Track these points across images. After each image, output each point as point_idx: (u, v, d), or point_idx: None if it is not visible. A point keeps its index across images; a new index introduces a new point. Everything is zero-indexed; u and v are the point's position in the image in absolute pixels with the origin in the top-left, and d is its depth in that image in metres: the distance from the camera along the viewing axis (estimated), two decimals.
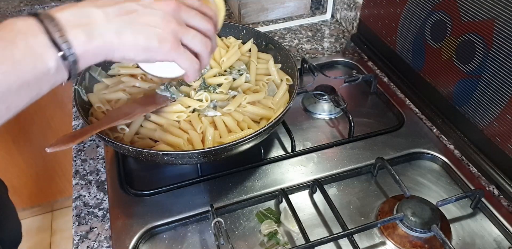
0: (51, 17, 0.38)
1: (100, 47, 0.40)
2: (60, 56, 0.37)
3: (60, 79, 0.40)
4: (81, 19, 0.39)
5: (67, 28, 0.38)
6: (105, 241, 0.61)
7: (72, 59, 0.38)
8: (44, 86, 0.39)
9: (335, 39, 1.05)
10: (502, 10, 0.58)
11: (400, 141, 0.75)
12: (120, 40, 0.41)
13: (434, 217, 0.58)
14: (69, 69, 0.39)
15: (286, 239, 0.61)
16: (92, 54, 0.40)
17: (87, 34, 0.39)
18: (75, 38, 0.38)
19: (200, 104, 0.68)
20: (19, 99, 0.37)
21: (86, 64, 0.41)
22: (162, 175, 0.70)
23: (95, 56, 0.41)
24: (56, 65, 0.37)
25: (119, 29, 0.41)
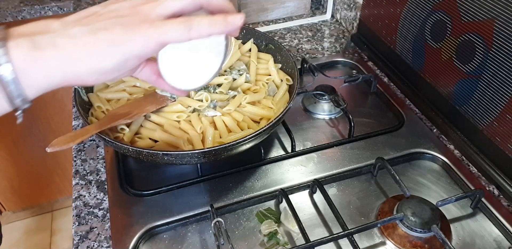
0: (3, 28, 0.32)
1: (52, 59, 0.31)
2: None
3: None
4: (35, 28, 0.33)
5: (13, 36, 0.31)
6: (105, 241, 0.61)
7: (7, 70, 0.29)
8: None
9: (335, 39, 1.05)
10: (502, 10, 0.58)
11: (400, 141, 0.75)
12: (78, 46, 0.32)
13: (434, 217, 0.58)
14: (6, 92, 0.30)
15: (286, 239, 0.61)
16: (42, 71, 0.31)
17: (34, 43, 0.31)
18: (17, 45, 0.30)
19: (200, 104, 0.68)
20: None
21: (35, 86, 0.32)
22: (162, 175, 0.70)
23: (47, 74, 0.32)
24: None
25: (76, 34, 0.33)
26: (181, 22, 0.34)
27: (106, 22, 0.34)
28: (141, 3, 0.35)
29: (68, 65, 0.32)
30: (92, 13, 0.35)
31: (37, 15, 1.26)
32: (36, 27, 0.33)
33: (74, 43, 0.32)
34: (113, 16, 0.34)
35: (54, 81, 0.33)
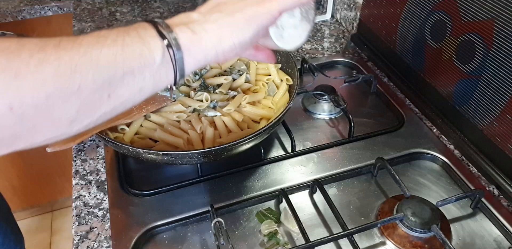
0: (161, 20, 0.39)
1: (206, 41, 0.40)
2: (165, 45, 0.37)
3: (165, 76, 0.39)
4: (182, 20, 0.41)
5: (173, 25, 0.39)
6: (105, 241, 0.61)
7: (177, 50, 0.38)
8: (148, 78, 0.37)
9: (335, 39, 1.05)
10: (502, 10, 0.58)
11: (400, 141, 0.75)
12: (223, 27, 0.40)
13: (434, 217, 0.58)
14: (174, 65, 0.38)
15: (286, 239, 0.61)
16: (201, 50, 0.40)
17: (191, 29, 0.39)
18: (181, 31, 0.39)
19: (200, 104, 0.68)
20: (122, 89, 0.36)
21: (193, 63, 0.40)
22: (162, 175, 0.70)
23: (204, 53, 0.40)
24: (162, 56, 0.37)
25: (217, 19, 0.41)
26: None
27: (236, 5, 0.41)
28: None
29: (218, 44, 0.40)
30: (218, 3, 0.43)
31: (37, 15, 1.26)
32: (182, 19, 0.41)
33: (219, 25, 0.40)
34: (237, 1, 0.42)
35: (208, 58, 0.40)
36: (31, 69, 0.31)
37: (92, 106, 0.35)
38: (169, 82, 0.39)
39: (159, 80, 0.38)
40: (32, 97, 0.31)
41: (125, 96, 0.37)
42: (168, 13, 1.19)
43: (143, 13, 1.20)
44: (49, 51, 0.32)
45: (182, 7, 1.22)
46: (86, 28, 1.14)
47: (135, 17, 1.18)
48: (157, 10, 1.21)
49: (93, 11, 1.22)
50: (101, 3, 1.27)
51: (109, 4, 1.26)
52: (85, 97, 0.34)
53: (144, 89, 0.38)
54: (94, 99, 0.35)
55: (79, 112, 0.34)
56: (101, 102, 0.36)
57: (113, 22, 1.17)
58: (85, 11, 1.22)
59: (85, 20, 1.18)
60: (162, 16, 1.18)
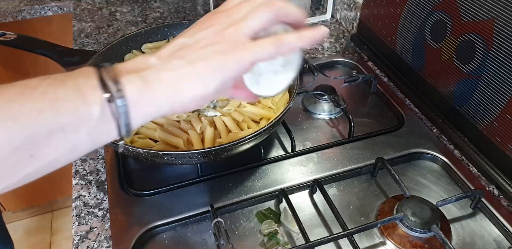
0: (110, 66, 0.35)
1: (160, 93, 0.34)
2: (106, 98, 0.32)
3: (105, 132, 0.34)
4: (136, 65, 0.36)
5: (122, 73, 0.34)
6: (105, 241, 0.61)
7: (121, 105, 0.32)
8: (82, 135, 0.32)
9: (335, 39, 1.05)
10: (502, 10, 0.58)
11: (400, 141, 0.75)
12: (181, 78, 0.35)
13: (434, 217, 0.58)
14: (116, 119, 0.33)
15: (286, 239, 0.61)
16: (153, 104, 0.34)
17: (143, 79, 0.34)
18: (129, 81, 0.33)
19: None
20: (49, 148, 0.31)
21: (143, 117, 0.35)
22: (162, 175, 0.70)
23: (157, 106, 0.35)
24: (100, 111, 0.32)
25: (176, 67, 0.35)
26: (272, 42, 0.37)
27: (201, 52, 0.36)
28: (223, 27, 0.37)
29: (174, 96, 0.35)
30: (182, 45, 0.37)
31: (37, 15, 1.26)
32: (137, 64, 0.36)
33: (177, 76, 0.35)
34: (203, 45, 0.36)
35: (162, 111, 0.36)
36: None
37: (9, 169, 0.31)
38: (111, 138, 0.35)
39: (98, 138, 0.34)
40: None
41: (53, 156, 0.32)
42: (168, 13, 1.19)
43: (143, 13, 1.20)
44: None
45: (182, 7, 1.22)
46: (86, 28, 1.14)
47: (135, 17, 1.18)
48: (157, 10, 1.21)
49: (93, 11, 1.22)
50: (101, 3, 1.27)
51: (109, 4, 1.26)
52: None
53: (80, 147, 0.33)
54: (12, 161, 0.30)
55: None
56: (22, 164, 0.31)
57: (113, 22, 1.17)
58: (85, 11, 1.22)
59: (85, 20, 1.18)
60: (162, 16, 1.18)
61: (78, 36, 1.11)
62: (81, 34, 1.11)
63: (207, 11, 1.18)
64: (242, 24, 0.37)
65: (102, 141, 0.35)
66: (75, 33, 1.12)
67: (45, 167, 0.33)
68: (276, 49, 0.37)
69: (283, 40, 0.37)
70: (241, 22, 0.37)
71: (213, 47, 0.36)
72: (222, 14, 0.39)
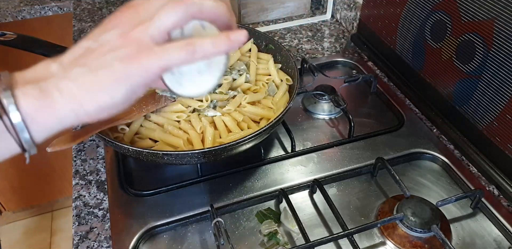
0: (8, 74, 0.32)
1: (61, 104, 0.31)
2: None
3: (5, 148, 0.32)
4: (36, 74, 0.33)
5: (18, 84, 0.31)
6: (105, 241, 0.61)
7: (16, 119, 0.30)
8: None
9: (335, 39, 1.05)
10: (502, 10, 0.58)
11: (400, 141, 0.75)
12: (82, 88, 0.32)
13: (434, 217, 0.58)
14: (14, 134, 0.31)
15: (286, 239, 0.61)
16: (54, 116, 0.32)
17: (40, 90, 0.31)
18: (24, 93, 0.30)
19: (200, 104, 0.68)
20: None
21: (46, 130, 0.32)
22: (162, 175, 0.70)
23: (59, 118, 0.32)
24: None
25: (77, 76, 0.32)
26: (182, 47, 0.33)
27: (103, 59, 0.33)
28: (129, 28, 0.34)
29: (78, 108, 0.32)
30: (85, 50, 0.34)
31: (37, 15, 1.26)
32: (37, 72, 0.33)
33: (77, 86, 0.32)
34: (107, 50, 0.33)
35: (67, 123, 0.33)
36: None
37: None
38: (14, 152, 0.33)
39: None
40: None
41: None
42: None
43: None
44: None
45: None
46: (86, 28, 1.14)
47: None
48: None
49: (93, 11, 1.22)
50: (101, 3, 1.27)
51: (109, 4, 1.26)
52: None
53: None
54: None
55: None
56: None
57: None
58: (85, 11, 1.22)
59: (85, 20, 1.18)
60: None
61: (78, 36, 1.11)
62: (81, 34, 1.11)
63: None
64: (149, 25, 0.33)
65: (4, 155, 0.33)
66: (75, 33, 1.12)
67: None
68: (187, 55, 0.33)
69: (195, 46, 0.33)
70: (148, 22, 0.33)
71: (116, 52, 0.33)
72: (131, 10, 0.35)
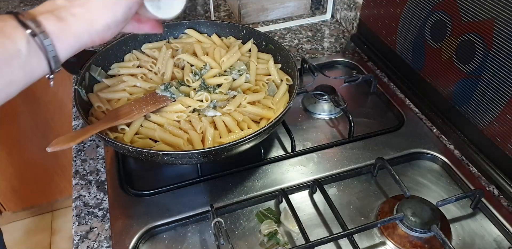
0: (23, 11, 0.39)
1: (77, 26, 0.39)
2: (29, 34, 0.36)
3: (37, 65, 0.38)
4: (47, 7, 0.40)
5: (36, 14, 0.38)
6: (105, 241, 0.61)
7: (44, 38, 0.37)
8: (16, 70, 0.37)
9: (335, 39, 1.05)
10: (502, 10, 0.58)
11: (400, 141, 0.75)
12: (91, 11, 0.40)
13: (434, 217, 0.58)
14: (44, 53, 0.38)
15: (286, 239, 0.61)
16: (72, 36, 0.39)
17: (56, 16, 0.39)
18: (45, 19, 0.38)
19: (200, 104, 0.68)
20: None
21: (67, 49, 0.40)
22: (162, 175, 0.70)
23: (76, 38, 0.40)
24: (27, 45, 0.36)
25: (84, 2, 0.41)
26: None
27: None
28: None
29: (90, 27, 0.40)
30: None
31: None
32: (47, 6, 0.40)
33: (86, 9, 0.40)
34: None
35: (82, 42, 0.41)
36: None
37: None
38: (43, 71, 0.39)
39: (30, 70, 0.38)
40: None
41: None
42: None
43: None
44: None
45: None
46: None
47: None
48: None
49: None
50: None
51: None
52: None
53: (16, 81, 0.37)
54: None
55: None
56: None
57: None
58: None
59: None
60: None
61: None
62: None
63: (207, 11, 1.18)
64: None
65: (35, 74, 0.39)
66: None
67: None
68: None
69: None
70: None
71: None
72: None
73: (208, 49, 0.80)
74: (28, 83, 0.39)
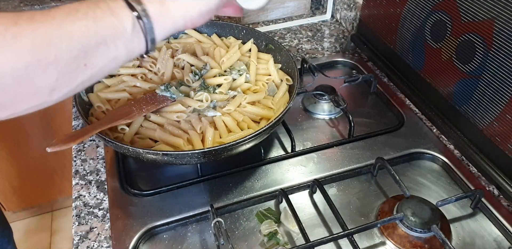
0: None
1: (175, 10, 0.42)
2: (135, 16, 0.39)
3: (137, 45, 0.41)
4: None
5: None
6: (105, 241, 0.61)
7: (146, 21, 0.40)
8: (121, 47, 0.40)
9: (335, 39, 1.05)
10: (502, 10, 0.58)
11: (400, 141, 0.75)
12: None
13: (434, 217, 0.58)
14: (144, 34, 0.41)
15: (286, 239, 0.61)
16: (170, 20, 0.42)
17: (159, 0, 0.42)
18: (149, 2, 0.41)
19: (200, 104, 0.68)
20: (97, 58, 0.38)
21: (163, 32, 0.42)
22: (162, 175, 0.70)
23: (173, 22, 0.42)
24: (132, 26, 0.39)
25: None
26: None
27: None
28: None
29: (186, 12, 0.43)
30: None
31: None
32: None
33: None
34: None
35: (177, 27, 0.43)
36: (8, 42, 0.33)
37: (70, 75, 0.37)
38: (141, 51, 0.42)
39: (131, 49, 0.41)
40: (11, 68, 0.33)
41: (100, 65, 0.39)
42: None
43: None
44: (23, 25, 0.34)
45: None
46: None
47: None
48: None
49: None
50: None
51: None
52: (62, 66, 0.36)
53: (118, 58, 0.40)
54: (72, 69, 0.37)
55: (58, 81, 0.37)
56: (79, 71, 0.38)
57: None
58: None
59: None
60: None
61: None
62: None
63: None
64: None
65: (135, 52, 0.42)
66: None
67: (95, 75, 0.40)
68: None
69: None
70: None
71: None
72: None
73: (208, 49, 0.80)
74: (127, 60, 0.42)
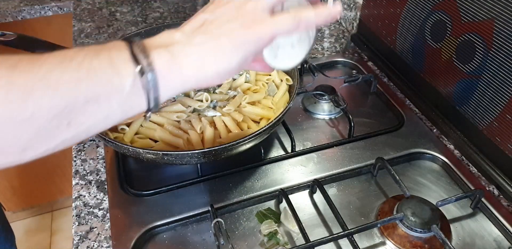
0: (139, 41, 0.36)
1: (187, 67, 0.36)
2: (138, 72, 0.33)
3: (137, 104, 0.35)
4: (163, 40, 0.37)
5: (151, 48, 0.35)
6: (105, 241, 0.61)
7: (151, 78, 0.34)
8: (115, 106, 0.34)
9: (335, 39, 1.05)
10: (502, 10, 0.58)
11: (400, 141, 0.75)
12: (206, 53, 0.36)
13: (434, 217, 0.58)
14: (147, 91, 0.34)
15: (286, 239, 0.61)
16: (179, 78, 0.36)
17: (171, 53, 0.35)
18: (158, 55, 0.35)
19: (200, 104, 0.68)
20: (84, 117, 0.33)
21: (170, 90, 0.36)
22: (162, 175, 0.70)
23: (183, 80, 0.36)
24: (132, 83, 0.33)
25: (201, 42, 0.36)
26: (291, 17, 0.38)
27: (223, 28, 0.37)
28: (242, 3, 0.39)
29: (200, 71, 0.36)
30: (204, 21, 0.38)
31: (37, 15, 1.26)
32: (163, 39, 0.37)
33: (202, 50, 0.36)
34: (225, 21, 0.37)
35: (187, 86, 0.37)
36: None
37: (48, 134, 0.32)
38: (141, 109, 0.36)
39: (129, 108, 0.35)
40: None
41: (87, 124, 0.34)
42: (168, 13, 1.19)
43: (143, 13, 1.20)
44: (1, 73, 0.30)
45: (182, 7, 1.22)
46: (86, 28, 1.14)
47: (135, 17, 1.18)
48: (157, 10, 1.21)
49: (93, 11, 1.22)
50: (101, 3, 1.27)
51: (109, 4, 1.26)
52: (39, 125, 0.31)
53: (111, 117, 0.35)
54: (51, 127, 0.32)
55: (33, 140, 0.32)
56: (59, 130, 0.32)
57: (113, 22, 1.17)
58: (85, 11, 1.22)
59: (85, 20, 1.18)
60: (162, 16, 1.18)
61: (78, 36, 1.11)
62: (81, 34, 1.11)
63: None
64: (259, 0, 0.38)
65: (132, 112, 0.36)
66: (75, 33, 1.12)
67: (80, 134, 0.34)
68: (294, 24, 0.38)
69: (301, 16, 0.38)
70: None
71: (234, 22, 0.37)
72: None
73: None
74: (122, 119, 0.36)
